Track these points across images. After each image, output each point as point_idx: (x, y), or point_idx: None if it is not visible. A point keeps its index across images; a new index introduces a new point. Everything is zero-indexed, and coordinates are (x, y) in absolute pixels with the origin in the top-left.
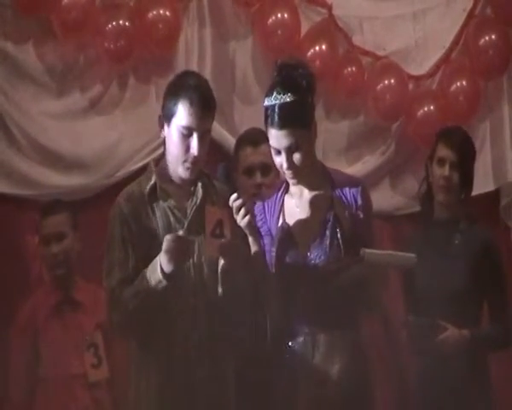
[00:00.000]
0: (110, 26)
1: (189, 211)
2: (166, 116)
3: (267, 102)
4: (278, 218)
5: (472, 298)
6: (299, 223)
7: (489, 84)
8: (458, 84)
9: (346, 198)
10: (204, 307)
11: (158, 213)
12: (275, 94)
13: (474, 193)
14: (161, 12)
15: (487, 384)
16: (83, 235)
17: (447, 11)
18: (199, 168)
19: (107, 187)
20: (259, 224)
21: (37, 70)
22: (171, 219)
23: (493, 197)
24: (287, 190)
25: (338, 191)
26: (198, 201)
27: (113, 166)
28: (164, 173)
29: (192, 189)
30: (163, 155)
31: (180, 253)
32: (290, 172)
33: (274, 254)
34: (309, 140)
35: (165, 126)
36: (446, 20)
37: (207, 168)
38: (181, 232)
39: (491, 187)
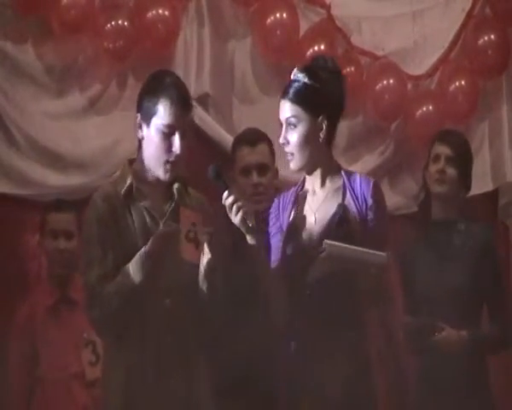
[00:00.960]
0: (109, 25)
1: (165, 211)
2: (145, 117)
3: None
4: (290, 214)
5: (471, 298)
6: (307, 220)
7: (488, 84)
8: (457, 84)
9: (357, 198)
10: (179, 308)
11: (134, 214)
12: (296, 71)
13: (472, 193)
14: (160, 12)
15: (486, 385)
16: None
17: (446, 11)
18: (178, 169)
19: None
20: (273, 221)
21: (37, 70)
22: (147, 219)
23: (492, 197)
24: (302, 187)
25: (349, 191)
26: (173, 203)
27: (112, 166)
28: (139, 174)
29: (168, 190)
30: (138, 155)
31: (168, 245)
32: (286, 149)
33: (281, 250)
34: (311, 127)
35: (144, 127)
36: (445, 20)
37: (205, 168)
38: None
39: (489, 187)
